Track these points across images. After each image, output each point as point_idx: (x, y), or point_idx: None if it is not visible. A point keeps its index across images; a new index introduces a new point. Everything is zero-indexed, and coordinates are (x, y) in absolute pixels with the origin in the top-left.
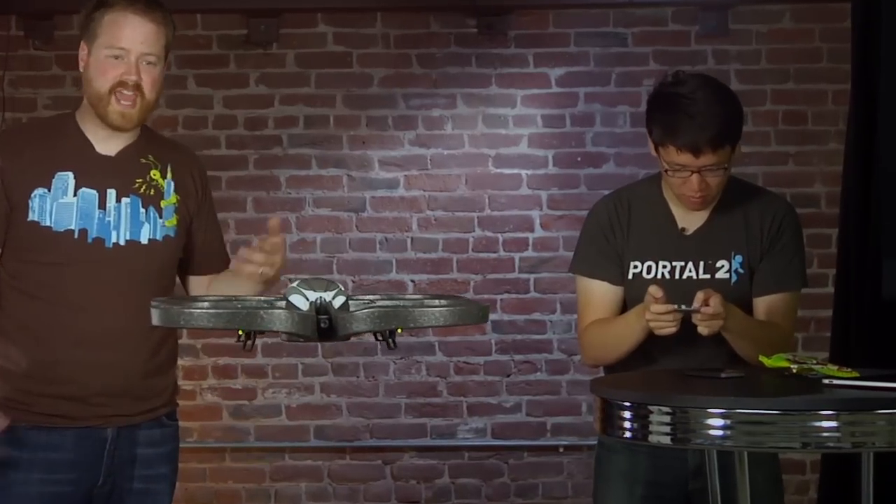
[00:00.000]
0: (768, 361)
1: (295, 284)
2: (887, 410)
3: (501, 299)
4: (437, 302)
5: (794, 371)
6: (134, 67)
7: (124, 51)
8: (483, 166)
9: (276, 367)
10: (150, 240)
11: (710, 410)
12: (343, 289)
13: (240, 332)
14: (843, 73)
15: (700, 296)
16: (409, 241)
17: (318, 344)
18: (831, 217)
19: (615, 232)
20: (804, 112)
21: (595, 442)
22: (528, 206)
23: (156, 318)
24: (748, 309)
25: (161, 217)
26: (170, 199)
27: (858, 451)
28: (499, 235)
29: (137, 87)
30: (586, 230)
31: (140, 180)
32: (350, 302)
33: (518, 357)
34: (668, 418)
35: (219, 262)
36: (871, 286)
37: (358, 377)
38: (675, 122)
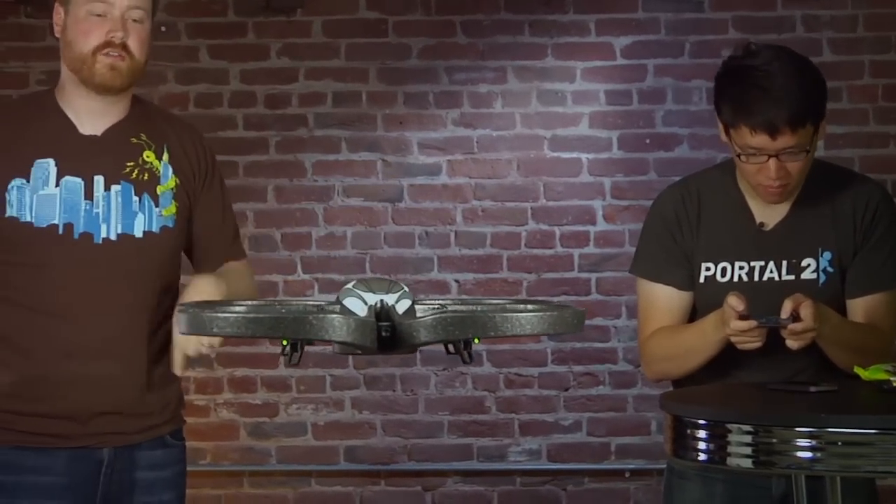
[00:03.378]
0: (865, 374)
1: (351, 285)
2: None
3: (559, 302)
4: (522, 307)
5: (895, 384)
6: (120, 24)
7: (108, 5)
8: (537, 150)
9: (300, 379)
10: (145, 232)
11: (797, 430)
12: (408, 291)
13: (284, 343)
14: None
15: (788, 305)
16: (452, 235)
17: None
18: None
19: (683, 228)
20: None
21: (665, 466)
22: (590, 195)
23: (183, 325)
24: (840, 312)
25: (157, 205)
26: (167, 184)
27: None
28: (555, 229)
29: (124, 48)
30: (649, 226)
31: (132, 164)
32: (416, 306)
33: (578, 368)
34: (749, 438)
35: (221, 257)
36: None
37: (394, 391)
38: (747, 99)
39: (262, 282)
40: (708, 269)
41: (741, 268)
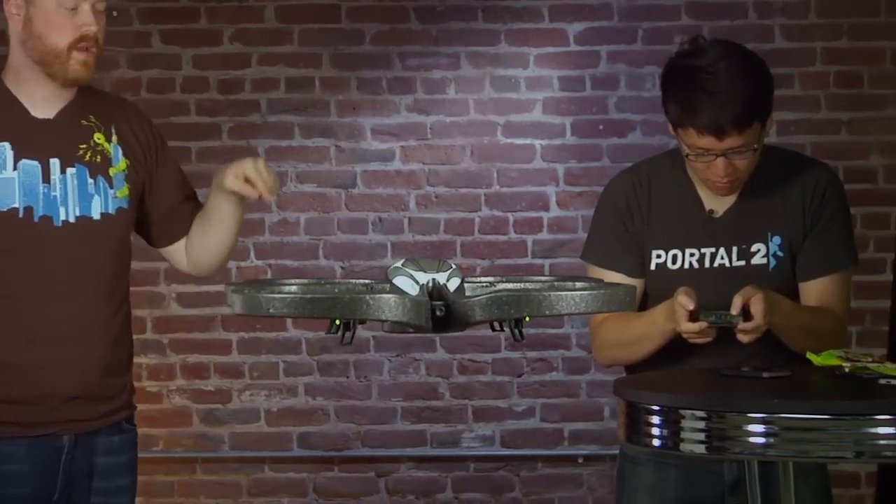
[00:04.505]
0: (817, 359)
1: (400, 264)
2: None
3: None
4: (572, 284)
5: (847, 370)
6: (92, 17)
7: None
8: (491, 136)
9: (253, 365)
10: (102, 214)
11: (750, 415)
12: (457, 269)
13: (336, 322)
14: None
15: (738, 301)
16: (406, 221)
17: (302, 339)
18: (890, 193)
19: (634, 216)
20: (859, 73)
21: (618, 452)
22: (543, 181)
23: (238, 305)
24: (792, 296)
25: (112, 187)
26: (118, 166)
27: None
28: (509, 215)
29: (95, 40)
30: (600, 213)
31: (84, 146)
32: (465, 285)
33: (531, 354)
34: (702, 424)
35: (183, 230)
36: None
37: (348, 377)
38: (693, 101)
39: None
40: (659, 256)
41: (692, 255)
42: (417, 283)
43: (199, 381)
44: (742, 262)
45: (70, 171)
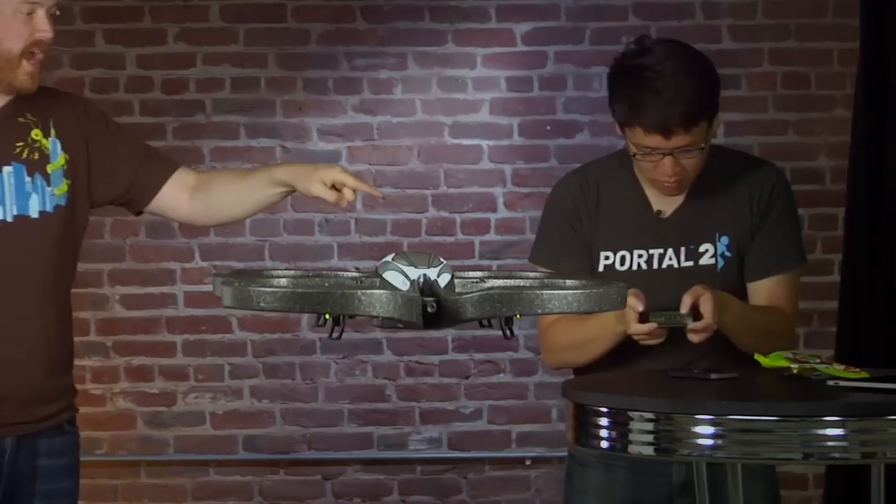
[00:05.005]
0: (765, 361)
1: (390, 258)
2: None
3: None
4: (564, 282)
5: (795, 371)
6: (48, 22)
7: (36, 4)
8: (438, 136)
9: (198, 368)
10: (40, 213)
11: (698, 417)
12: (446, 264)
13: (325, 316)
14: (852, 30)
15: (687, 300)
16: (352, 222)
17: (248, 341)
18: (838, 194)
19: (581, 217)
20: (807, 74)
21: (566, 454)
22: (490, 182)
23: (227, 298)
24: (740, 296)
25: (49, 185)
26: (57, 162)
27: (868, 463)
28: (456, 216)
29: (47, 46)
30: (548, 214)
31: (21, 143)
32: (455, 280)
33: (478, 356)
34: (650, 426)
35: (158, 185)
36: (883, 274)
37: (294, 379)
38: (639, 100)
39: (159, 269)
40: (607, 257)
41: (640, 256)
42: (408, 278)
43: (144, 384)
44: (690, 263)
45: (6, 169)
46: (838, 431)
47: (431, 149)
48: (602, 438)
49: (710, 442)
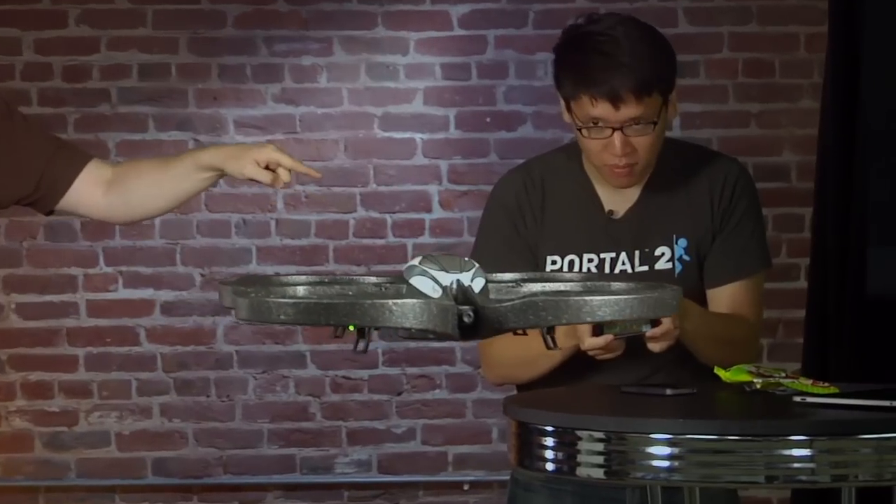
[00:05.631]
0: (726, 375)
1: (417, 262)
2: (874, 435)
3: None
4: (609, 286)
5: (758, 386)
6: None
7: None
8: (367, 129)
9: (103, 384)
10: None
11: (652, 436)
12: (479, 267)
13: (350, 328)
14: (819, 13)
15: None
16: (272, 223)
17: (158, 355)
18: (804, 193)
19: (526, 218)
20: (770, 61)
21: (508, 477)
22: (425, 179)
23: (243, 310)
24: (699, 303)
25: None
26: None
27: (838, 486)
28: (387, 217)
29: None
30: (489, 216)
31: None
32: (490, 285)
33: (411, 371)
34: (600, 446)
35: (72, 176)
36: (853, 280)
37: (208, 396)
38: (587, 65)
39: (59, 276)
40: (554, 262)
41: (590, 260)
42: (439, 284)
43: (42, 402)
44: (645, 268)
45: None
46: (805, 452)
47: (360, 143)
48: (547, 460)
49: (665, 464)
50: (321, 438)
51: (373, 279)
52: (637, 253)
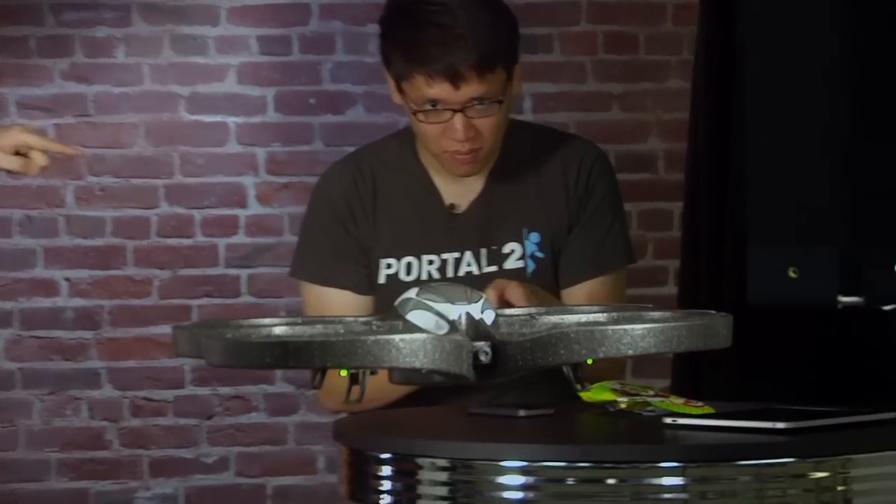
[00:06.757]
0: (586, 394)
1: (413, 294)
2: (754, 461)
3: (199, 305)
4: (646, 315)
5: (623, 406)
6: None
7: None
8: (172, 111)
9: None
10: None
11: (503, 464)
12: (486, 297)
13: (342, 373)
14: None
15: (491, 295)
16: (61, 220)
17: None
18: (673, 186)
19: (356, 217)
20: (634, 35)
21: None
22: (239, 169)
23: (216, 355)
24: None
25: None
26: None
27: None
28: (194, 213)
29: None
30: (313, 215)
31: None
32: (499, 318)
33: (224, 390)
34: (444, 476)
35: None
36: (730, 285)
37: None
38: (420, 39)
39: None
40: (389, 266)
41: (430, 262)
42: (445, 318)
43: None
44: (494, 268)
45: None
46: (677, 481)
47: (163, 127)
48: (384, 492)
49: (518, 494)
50: (119, 469)
51: (365, 318)
52: (484, 251)
